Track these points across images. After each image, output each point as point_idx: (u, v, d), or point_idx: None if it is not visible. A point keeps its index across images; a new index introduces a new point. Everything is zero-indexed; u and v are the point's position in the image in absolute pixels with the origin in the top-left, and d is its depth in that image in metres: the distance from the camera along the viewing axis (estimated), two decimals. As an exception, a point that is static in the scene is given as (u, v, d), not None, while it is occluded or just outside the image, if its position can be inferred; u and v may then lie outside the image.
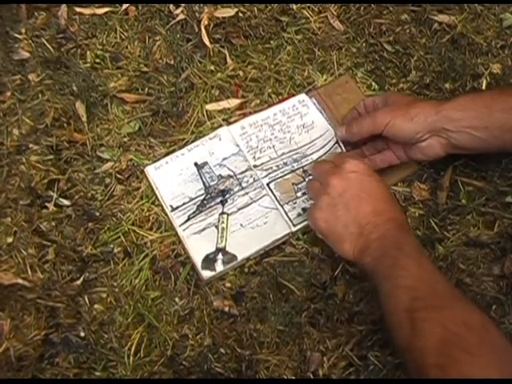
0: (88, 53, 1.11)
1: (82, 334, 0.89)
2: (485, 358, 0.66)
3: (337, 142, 1.00)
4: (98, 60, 1.10)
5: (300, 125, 1.03)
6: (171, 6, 1.15)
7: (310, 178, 0.96)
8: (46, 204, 0.98)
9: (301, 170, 0.99)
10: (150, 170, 0.99)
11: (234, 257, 0.93)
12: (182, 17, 1.13)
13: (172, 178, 0.99)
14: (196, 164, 1.00)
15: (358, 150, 0.98)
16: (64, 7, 1.15)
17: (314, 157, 1.00)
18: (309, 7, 1.14)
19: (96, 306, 0.91)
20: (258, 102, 1.06)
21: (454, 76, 1.06)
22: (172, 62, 1.10)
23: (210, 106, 1.05)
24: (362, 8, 1.14)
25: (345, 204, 0.83)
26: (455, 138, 0.88)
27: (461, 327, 0.68)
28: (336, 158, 0.92)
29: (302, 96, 1.05)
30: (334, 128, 1.01)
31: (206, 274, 0.91)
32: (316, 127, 1.03)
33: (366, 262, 0.80)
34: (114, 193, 0.99)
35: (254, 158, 1.00)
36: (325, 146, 1.01)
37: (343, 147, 0.99)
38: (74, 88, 1.07)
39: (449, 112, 0.87)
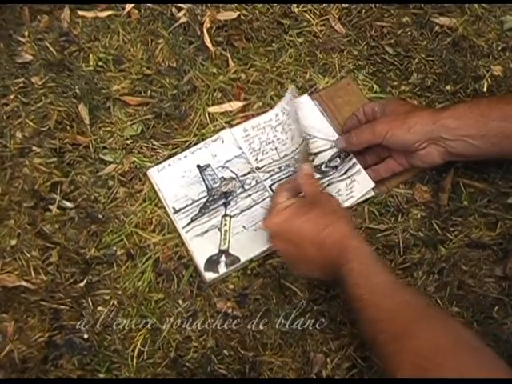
0: (91, 56, 1.11)
1: (86, 336, 0.90)
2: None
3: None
4: (100, 63, 1.11)
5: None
6: (173, 9, 1.15)
7: None
8: (50, 206, 0.98)
9: None
10: (153, 173, 1.00)
11: (237, 259, 0.93)
12: (184, 20, 1.13)
13: (175, 180, 0.99)
14: (199, 166, 1.00)
15: (359, 156, 0.99)
16: (67, 10, 1.16)
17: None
18: (310, 10, 1.15)
19: (99, 308, 0.92)
20: (261, 104, 1.06)
21: (456, 78, 1.07)
22: (174, 65, 1.10)
23: (212, 109, 1.06)
24: (364, 11, 1.14)
25: (297, 257, 0.85)
26: (452, 146, 0.88)
27: (433, 351, 0.67)
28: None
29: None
30: (334, 129, 1.02)
31: (209, 275, 0.92)
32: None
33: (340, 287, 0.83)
34: (117, 195, 0.99)
35: (256, 160, 1.01)
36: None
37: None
38: (77, 91, 1.07)
39: (446, 121, 0.88)
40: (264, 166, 1.00)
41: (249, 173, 1.00)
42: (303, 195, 0.88)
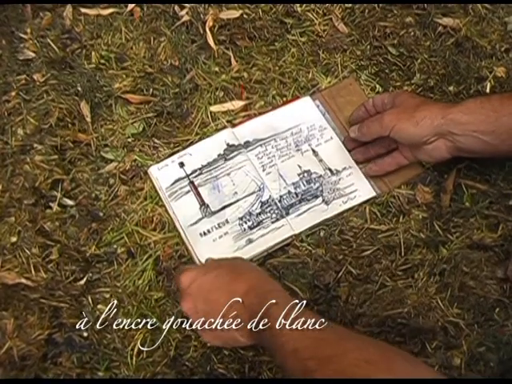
0: (93, 53, 1.11)
1: (85, 334, 0.89)
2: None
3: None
4: (102, 61, 1.10)
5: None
6: (176, 8, 1.15)
7: None
8: (50, 204, 0.98)
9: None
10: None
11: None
12: (186, 18, 1.13)
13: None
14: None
15: (362, 148, 0.99)
16: (69, 8, 1.16)
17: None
18: (313, 9, 1.14)
19: (99, 306, 0.91)
20: (263, 103, 1.06)
21: (459, 79, 1.06)
22: (177, 63, 1.10)
23: (214, 108, 1.05)
24: (367, 11, 1.14)
25: (206, 312, 0.78)
26: (461, 142, 0.88)
27: (363, 365, 0.63)
28: None
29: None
30: (334, 130, 1.03)
31: (210, 274, 0.91)
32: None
33: (259, 341, 0.76)
34: (118, 193, 0.99)
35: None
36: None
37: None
38: (79, 88, 1.07)
39: (456, 116, 0.87)
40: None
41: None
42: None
